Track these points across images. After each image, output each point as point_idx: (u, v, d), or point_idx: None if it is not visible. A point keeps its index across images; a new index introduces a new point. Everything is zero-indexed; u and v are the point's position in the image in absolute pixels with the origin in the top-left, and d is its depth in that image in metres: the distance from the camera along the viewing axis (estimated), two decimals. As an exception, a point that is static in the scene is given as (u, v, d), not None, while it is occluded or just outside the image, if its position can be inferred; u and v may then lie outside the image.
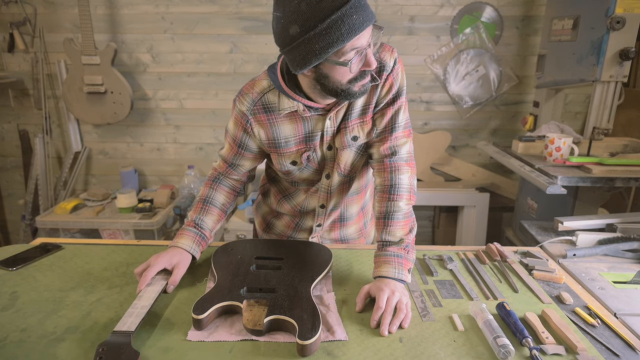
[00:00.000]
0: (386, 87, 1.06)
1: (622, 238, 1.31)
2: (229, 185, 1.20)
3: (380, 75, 1.04)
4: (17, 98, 2.80)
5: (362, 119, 1.09)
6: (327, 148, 1.12)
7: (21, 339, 0.86)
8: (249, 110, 1.07)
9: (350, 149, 1.12)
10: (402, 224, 1.05)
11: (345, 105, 1.06)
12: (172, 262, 1.04)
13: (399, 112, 1.08)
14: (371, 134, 1.10)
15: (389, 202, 1.06)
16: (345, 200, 1.24)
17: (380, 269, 1.01)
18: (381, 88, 1.06)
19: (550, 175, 1.74)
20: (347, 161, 1.14)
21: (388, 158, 1.10)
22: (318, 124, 1.08)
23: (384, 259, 1.02)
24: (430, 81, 2.75)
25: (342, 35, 0.84)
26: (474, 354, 0.83)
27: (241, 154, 1.15)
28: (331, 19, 0.83)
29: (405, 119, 1.11)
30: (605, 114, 2.06)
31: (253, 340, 0.86)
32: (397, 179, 1.08)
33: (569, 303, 1.01)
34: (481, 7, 2.61)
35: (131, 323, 0.85)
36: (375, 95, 1.06)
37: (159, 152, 2.91)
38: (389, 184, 1.08)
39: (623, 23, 1.90)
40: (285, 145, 1.10)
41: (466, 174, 2.87)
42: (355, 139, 1.10)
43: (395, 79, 1.06)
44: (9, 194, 3.03)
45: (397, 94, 1.07)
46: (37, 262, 1.17)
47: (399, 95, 1.07)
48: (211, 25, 2.66)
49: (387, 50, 1.04)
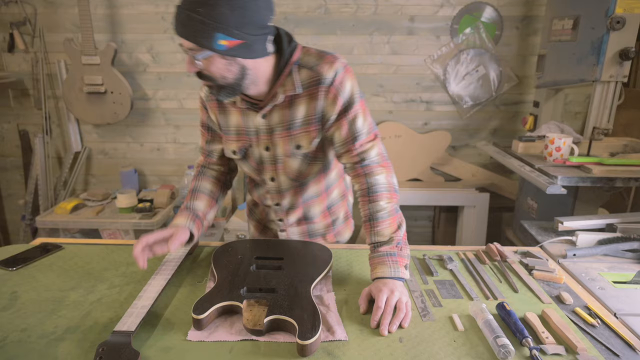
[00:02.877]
0: (329, 99, 1.07)
1: (622, 238, 1.31)
2: (212, 175, 1.28)
3: (318, 88, 1.05)
4: (17, 98, 2.80)
5: (305, 129, 1.11)
6: (265, 149, 1.16)
7: (21, 339, 0.86)
8: (205, 97, 1.19)
9: (295, 157, 1.15)
10: (388, 222, 1.05)
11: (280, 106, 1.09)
12: (169, 232, 1.09)
13: (356, 120, 1.09)
14: (322, 146, 1.15)
15: (370, 204, 1.07)
16: (305, 202, 1.27)
17: (376, 271, 1.01)
18: (324, 100, 1.07)
19: (550, 175, 1.74)
20: (292, 168, 1.18)
21: (359, 164, 1.11)
22: (253, 119, 1.13)
23: (378, 260, 1.02)
24: (430, 81, 2.75)
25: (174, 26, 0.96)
26: (474, 354, 0.83)
27: (212, 137, 1.25)
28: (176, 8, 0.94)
29: (366, 125, 1.11)
30: (605, 114, 2.06)
31: (253, 340, 0.86)
32: (373, 180, 1.08)
33: (569, 303, 1.01)
34: (481, 7, 2.61)
35: (131, 323, 0.85)
36: (317, 107, 1.08)
37: (159, 152, 2.91)
38: (365, 187, 1.09)
39: (623, 23, 1.90)
40: (228, 132, 1.18)
41: (466, 174, 2.87)
42: (299, 147, 1.13)
43: (339, 90, 1.06)
44: (9, 194, 3.03)
45: (347, 104, 1.08)
46: (37, 262, 1.17)
47: (350, 105, 1.08)
48: (211, 25, 2.65)
49: (327, 62, 1.05)
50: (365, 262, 1.19)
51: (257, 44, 0.98)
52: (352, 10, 2.62)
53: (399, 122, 2.78)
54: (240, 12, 0.91)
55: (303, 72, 1.06)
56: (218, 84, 1.01)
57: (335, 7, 2.62)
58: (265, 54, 1.02)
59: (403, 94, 2.77)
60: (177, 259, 1.13)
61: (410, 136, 2.79)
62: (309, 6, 2.62)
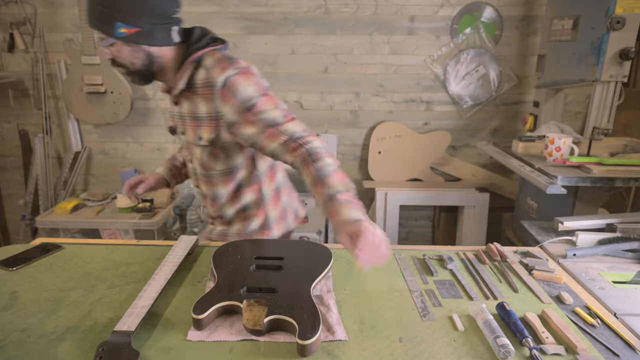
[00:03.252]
0: (222, 101, 1.12)
1: (622, 238, 1.31)
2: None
3: (211, 90, 1.11)
4: (17, 98, 2.80)
5: (208, 123, 1.17)
6: (182, 133, 1.26)
7: (21, 339, 0.86)
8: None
9: (199, 146, 1.22)
10: (339, 177, 1.02)
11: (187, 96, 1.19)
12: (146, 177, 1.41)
13: (266, 113, 1.09)
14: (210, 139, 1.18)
15: (315, 164, 1.03)
16: (216, 198, 1.31)
17: (341, 215, 0.95)
18: (219, 102, 1.12)
19: (550, 175, 1.74)
20: (198, 156, 1.25)
21: (290, 141, 1.08)
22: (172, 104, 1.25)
23: (340, 206, 0.96)
24: (430, 81, 2.75)
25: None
26: (474, 354, 0.83)
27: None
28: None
29: (278, 112, 1.10)
30: (605, 114, 2.06)
31: (253, 340, 0.86)
32: (310, 145, 1.06)
33: (569, 303, 1.01)
34: (481, 7, 2.61)
35: (131, 323, 0.85)
36: (214, 107, 1.13)
37: (159, 152, 2.91)
38: (306, 153, 1.05)
39: (623, 23, 1.90)
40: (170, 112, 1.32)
41: (466, 174, 2.87)
42: (200, 139, 1.20)
43: (231, 93, 1.10)
44: (9, 194, 3.03)
45: (247, 104, 1.09)
46: (37, 262, 1.17)
47: (252, 105, 1.09)
48: (211, 25, 2.62)
49: (220, 67, 1.11)
50: (365, 262, 1.19)
51: (158, 33, 1.10)
52: (352, 10, 2.62)
53: (399, 122, 2.78)
54: (139, 2, 1.05)
55: (201, 72, 1.14)
56: (129, 69, 1.14)
57: (335, 7, 2.62)
58: (170, 43, 1.13)
59: (403, 94, 2.77)
60: (177, 259, 1.13)
61: (410, 136, 2.79)
62: (309, 6, 2.62)
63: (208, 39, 1.18)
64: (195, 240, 1.25)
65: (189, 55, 1.14)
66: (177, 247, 1.20)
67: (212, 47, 1.17)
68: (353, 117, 2.81)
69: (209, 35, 1.20)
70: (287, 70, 2.73)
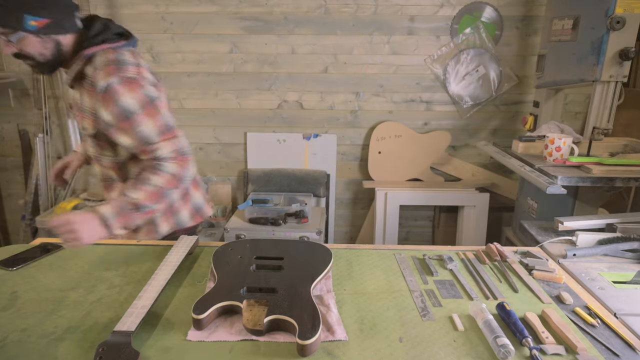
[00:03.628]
0: (102, 104, 1.13)
1: (622, 238, 1.31)
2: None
3: (94, 89, 1.13)
4: (17, 98, 2.80)
5: (89, 117, 1.19)
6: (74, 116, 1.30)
7: (21, 339, 0.86)
8: None
9: (85, 136, 1.25)
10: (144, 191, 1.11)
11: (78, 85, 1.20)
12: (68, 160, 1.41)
13: (141, 129, 1.13)
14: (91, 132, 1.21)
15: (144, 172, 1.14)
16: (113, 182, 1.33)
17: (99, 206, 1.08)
18: (99, 102, 1.13)
19: (550, 175, 1.74)
20: (88, 142, 1.27)
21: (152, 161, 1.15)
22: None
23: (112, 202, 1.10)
24: (430, 81, 2.75)
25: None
26: (474, 354, 0.83)
27: None
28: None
29: (155, 129, 1.14)
30: (605, 114, 2.06)
31: (253, 340, 0.86)
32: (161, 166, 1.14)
33: (569, 303, 1.01)
34: (481, 7, 2.61)
35: (131, 323, 0.85)
36: (95, 106, 1.15)
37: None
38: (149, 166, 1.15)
39: (623, 23, 1.90)
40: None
41: (466, 174, 2.87)
42: (85, 129, 1.22)
43: (110, 100, 1.11)
44: (9, 194, 3.03)
45: (125, 115, 1.12)
46: (37, 262, 1.17)
47: (129, 116, 1.12)
48: (211, 25, 2.66)
49: (105, 72, 1.11)
50: (365, 262, 1.19)
51: (65, 20, 1.11)
52: (352, 10, 2.62)
53: (399, 122, 2.78)
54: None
55: (89, 69, 1.15)
56: (38, 61, 1.12)
57: (335, 7, 2.62)
58: (76, 29, 1.15)
59: (403, 94, 2.77)
60: (177, 259, 1.13)
61: (410, 136, 2.79)
62: (309, 6, 2.62)
63: (108, 34, 1.16)
64: (195, 240, 1.25)
65: (83, 48, 1.14)
66: (177, 247, 1.20)
67: (109, 45, 1.15)
68: (353, 117, 2.81)
69: (110, 29, 1.18)
70: (287, 70, 2.73)
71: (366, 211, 2.96)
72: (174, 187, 1.15)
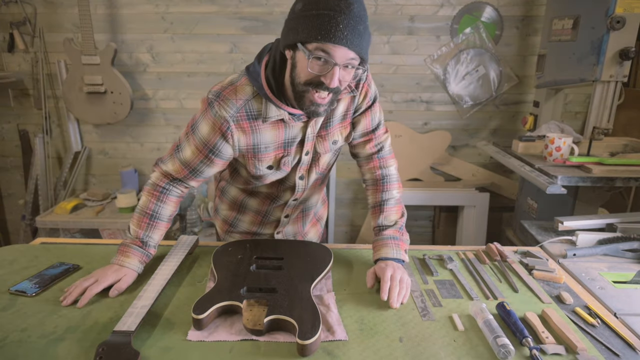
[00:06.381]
0: (362, 95, 1.15)
1: (622, 238, 1.31)
2: (177, 195, 1.14)
3: (358, 87, 1.13)
4: (17, 98, 2.80)
5: (342, 124, 1.16)
6: (305, 153, 1.14)
7: (21, 339, 0.86)
8: (232, 118, 1.02)
9: (331, 152, 1.21)
10: (395, 210, 1.19)
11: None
12: (119, 276, 1.03)
13: (377, 113, 1.20)
14: (349, 137, 1.20)
15: (383, 193, 1.20)
16: (313, 191, 1.32)
17: (380, 252, 1.11)
18: (359, 96, 1.15)
19: (550, 175, 1.74)
20: (325, 162, 1.22)
21: (376, 154, 1.22)
22: (299, 131, 1.10)
23: (382, 242, 1.13)
24: (430, 81, 2.75)
25: (322, 32, 0.87)
26: (474, 354, 0.83)
27: (210, 160, 1.07)
28: (323, 12, 0.88)
29: (382, 118, 1.23)
30: (605, 114, 2.06)
31: (253, 340, 0.86)
32: (387, 171, 1.22)
33: (569, 303, 1.01)
34: (481, 7, 2.61)
35: (131, 323, 0.85)
36: (354, 104, 1.15)
37: (159, 152, 2.90)
38: (380, 177, 1.21)
39: (623, 23, 1.90)
40: (265, 150, 1.09)
41: (466, 174, 2.87)
42: (335, 143, 1.18)
43: (370, 86, 1.16)
44: (9, 194, 3.03)
45: (374, 98, 1.18)
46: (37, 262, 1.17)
47: (375, 99, 1.19)
48: (211, 25, 2.66)
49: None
50: (365, 262, 1.19)
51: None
52: (352, 10, 2.62)
53: (399, 122, 2.78)
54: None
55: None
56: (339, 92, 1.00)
57: (335, 7, 2.61)
58: None
59: (403, 93, 2.77)
60: (177, 259, 1.13)
61: (410, 136, 2.79)
62: (309, 6, 2.61)
63: None
64: (195, 240, 1.25)
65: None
66: (177, 247, 1.20)
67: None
68: (353, 117, 2.81)
69: None
70: (287, 70, 2.73)
71: (366, 211, 2.96)
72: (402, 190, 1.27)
